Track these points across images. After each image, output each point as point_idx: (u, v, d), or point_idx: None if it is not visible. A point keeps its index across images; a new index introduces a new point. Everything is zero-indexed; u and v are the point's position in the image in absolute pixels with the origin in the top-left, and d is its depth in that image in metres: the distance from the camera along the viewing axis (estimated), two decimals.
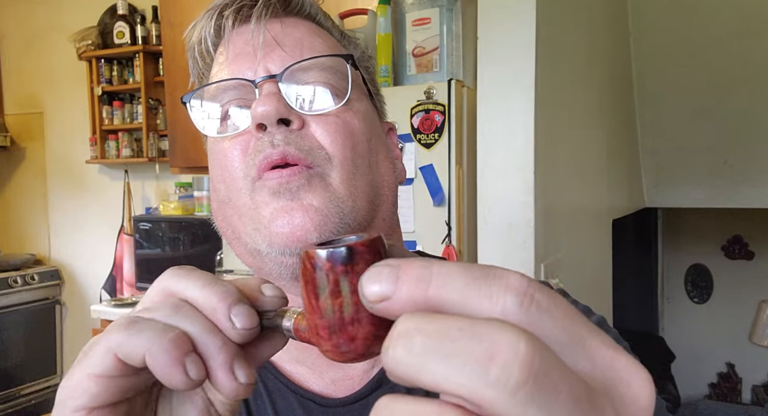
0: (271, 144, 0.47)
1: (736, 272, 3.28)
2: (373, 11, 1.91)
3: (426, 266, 0.20)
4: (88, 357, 0.28)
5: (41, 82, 3.66)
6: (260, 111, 0.47)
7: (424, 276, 0.20)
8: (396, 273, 0.21)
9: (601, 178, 2.20)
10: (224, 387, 0.28)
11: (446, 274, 0.20)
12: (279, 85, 0.49)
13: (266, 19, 0.52)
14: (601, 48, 2.27)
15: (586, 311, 0.56)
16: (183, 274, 0.31)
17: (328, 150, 0.48)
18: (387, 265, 0.21)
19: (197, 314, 0.29)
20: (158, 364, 0.26)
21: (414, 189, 1.73)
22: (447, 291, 0.20)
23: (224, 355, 0.28)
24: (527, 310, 0.19)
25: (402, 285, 0.20)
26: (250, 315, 0.29)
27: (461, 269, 0.20)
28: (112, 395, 0.28)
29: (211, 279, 0.30)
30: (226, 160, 0.50)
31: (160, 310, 0.29)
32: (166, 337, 0.27)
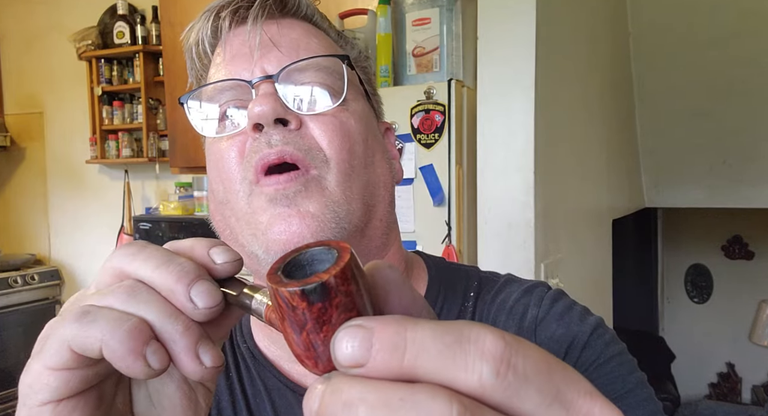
0: (268, 144, 0.48)
1: (735, 272, 3.28)
2: (373, 11, 1.91)
3: (400, 331, 0.20)
4: (43, 351, 0.27)
5: (41, 82, 3.66)
6: (257, 111, 0.47)
7: (398, 345, 0.20)
8: (370, 339, 0.20)
9: (601, 178, 2.20)
10: (190, 372, 0.27)
11: (420, 341, 0.20)
12: (275, 85, 0.49)
13: (262, 20, 0.52)
14: (601, 48, 2.27)
15: (585, 312, 0.56)
16: (134, 252, 0.29)
17: (325, 151, 0.49)
18: (360, 328, 0.20)
19: (155, 297, 0.27)
20: (116, 356, 0.25)
21: (414, 189, 1.73)
22: (422, 361, 0.19)
23: (187, 340, 0.26)
24: (503, 379, 0.19)
25: (377, 354, 0.20)
26: (211, 293, 0.27)
27: (434, 333, 0.20)
28: (76, 386, 0.27)
29: (165, 256, 0.28)
30: (223, 162, 0.50)
31: (115, 295, 0.27)
32: (122, 328, 0.25)
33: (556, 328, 0.54)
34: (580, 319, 0.54)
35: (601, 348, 0.52)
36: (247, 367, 0.56)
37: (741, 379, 3.31)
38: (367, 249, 0.52)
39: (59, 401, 0.27)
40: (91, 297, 0.28)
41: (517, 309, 0.55)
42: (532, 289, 0.57)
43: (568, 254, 1.72)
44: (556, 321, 0.54)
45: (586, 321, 0.54)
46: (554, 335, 0.53)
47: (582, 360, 0.52)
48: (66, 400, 0.27)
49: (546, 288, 0.58)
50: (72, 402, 0.27)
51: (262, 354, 0.56)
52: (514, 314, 0.55)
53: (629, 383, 0.51)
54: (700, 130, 2.74)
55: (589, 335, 0.53)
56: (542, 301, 0.56)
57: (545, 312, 0.55)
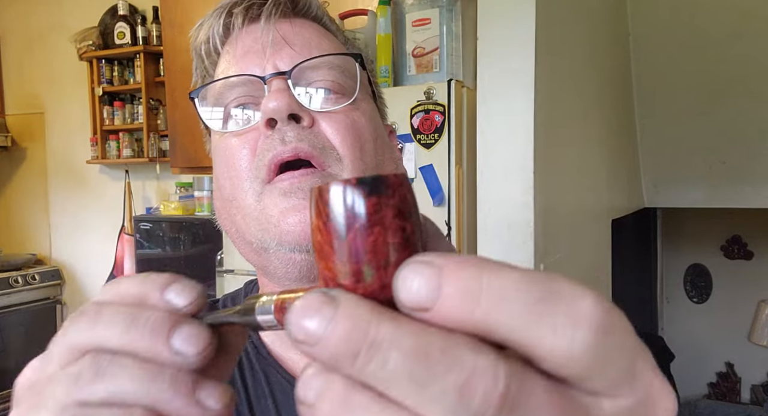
0: (282, 141, 0.47)
1: (735, 272, 3.29)
2: (373, 12, 1.91)
3: (476, 275, 0.17)
4: None
5: (42, 82, 3.67)
6: (271, 106, 0.47)
7: (472, 291, 0.17)
8: (438, 279, 0.17)
9: (600, 177, 2.20)
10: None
11: (500, 290, 0.17)
12: (288, 82, 0.49)
13: (275, 19, 0.52)
14: (601, 48, 2.28)
15: None
16: (92, 319, 0.25)
17: (338, 150, 0.49)
18: (427, 264, 0.17)
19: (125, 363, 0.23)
20: None
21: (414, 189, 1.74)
22: (501, 315, 0.16)
23: (181, 396, 0.23)
24: (595, 350, 0.16)
25: (445, 298, 0.17)
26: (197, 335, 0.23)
27: (520, 284, 0.17)
28: None
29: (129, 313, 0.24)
30: (233, 159, 0.50)
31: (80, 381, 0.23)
32: None
33: None
34: None
35: None
36: (249, 361, 0.56)
37: (740, 379, 3.31)
38: None
39: None
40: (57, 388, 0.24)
41: None
42: None
43: (568, 254, 1.73)
44: None
45: None
46: None
47: None
48: None
49: None
50: None
51: (266, 349, 0.56)
52: None
53: None
54: (700, 130, 2.74)
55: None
56: None
57: None
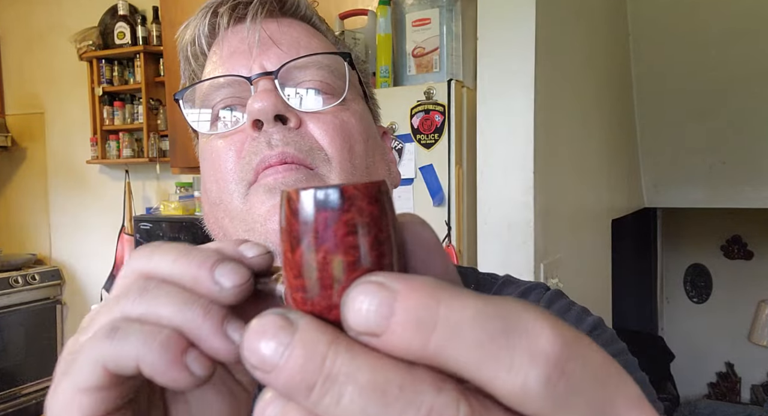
0: (269, 144, 0.46)
1: (735, 272, 3.29)
2: (373, 12, 1.91)
3: (432, 304, 0.16)
4: (74, 371, 0.25)
5: (42, 82, 3.67)
6: (257, 107, 0.46)
7: (427, 321, 0.16)
8: (391, 304, 0.16)
9: (600, 178, 2.20)
10: (223, 354, 0.24)
11: (457, 323, 0.16)
12: (275, 82, 0.48)
13: (262, 18, 0.51)
14: (601, 48, 2.28)
15: (583, 312, 0.55)
16: (151, 251, 0.27)
17: (326, 151, 0.48)
18: (380, 286, 0.16)
19: (168, 288, 0.25)
20: (156, 370, 0.23)
21: (414, 189, 1.74)
22: (454, 350, 0.15)
23: (210, 321, 0.24)
24: (553, 388, 0.15)
25: (397, 326, 0.16)
26: (237, 271, 0.25)
27: (477, 317, 0.16)
28: (110, 405, 0.25)
29: (184, 249, 0.26)
30: (219, 161, 0.49)
31: (127, 297, 0.25)
32: (156, 340, 0.23)
33: None
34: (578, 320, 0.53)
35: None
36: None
37: (740, 379, 3.31)
38: None
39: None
40: (108, 306, 0.26)
41: None
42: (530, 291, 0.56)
43: (568, 254, 1.73)
44: None
45: (584, 322, 0.53)
46: None
47: None
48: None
49: (544, 290, 0.57)
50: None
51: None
52: None
53: None
54: (700, 130, 2.74)
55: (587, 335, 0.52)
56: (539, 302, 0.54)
57: None
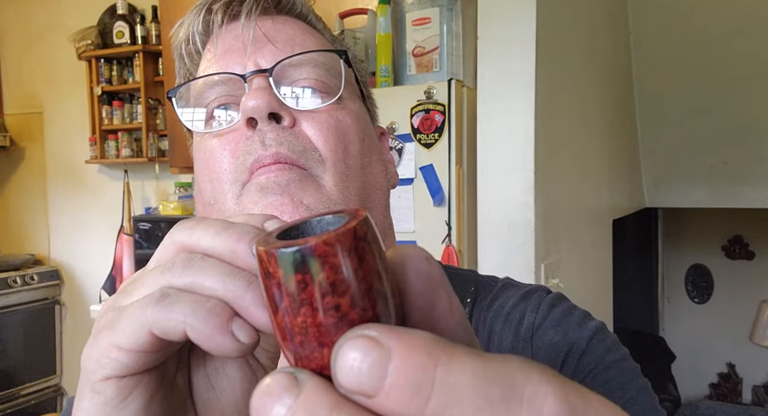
0: (263, 144, 0.46)
1: (736, 272, 3.28)
2: (373, 11, 1.90)
3: (429, 365, 0.15)
4: (117, 330, 0.26)
5: (41, 81, 3.66)
6: (251, 105, 0.45)
7: (423, 385, 0.15)
8: (384, 364, 0.15)
9: (601, 178, 2.20)
10: (264, 323, 0.25)
11: (455, 388, 0.15)
12: (269, 79, 0.47)
13: (256, 15, 0.50)
14: (601, 48, 2.27)
15: (584, 317, 0.54)
16: (192, 225, 0.28)
17: (321, 151, 0.47)
18: (373, 342, 0.15)
19: (211, 261, 0.26)
20: (203, 336, 0.24)
21: (414, 189, 1.73)
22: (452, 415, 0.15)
23: (252, 292, 0.25)
24: None
25: (391, 389, 0.15)
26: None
27: (477, 382, 0.15)
28: (144, 364, 0.27)
29: (224, 223, 0.27)
30: (213, 160, 0.49)
31: (173, 270, 0.27)
32: (204, 307, 0.25)
33: (553, 335, 0.52)
34: (579, 325, 0.52)
35: (601, 354, 0.50)
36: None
37: (741, 380, 3.30)
38: None
39: (123, 377, 0.26)
40: (152, 275, 0.27)
41: (514, 316, 0.54)
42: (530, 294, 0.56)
43: (569, 254, 1.72)
44: (554, 328, 0.52)
45: (586, 327, 0.52)
46: (552, 342, 0.51)
47: (581, 367, 0.50)
48: (130, 376, 0.27)
49: (545, 293, 0.56)
50: (137, 378, 0.27)
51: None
52: (511, 320, 0.53)
53: (630, 391, 0.49)
54: (701, 130, 2.74)
55: (588, 341, 0.51)
56: (540, 306, 0.54)
57: (543, 317, 0.53)
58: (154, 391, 0.27)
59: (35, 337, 3.40)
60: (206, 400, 0.30)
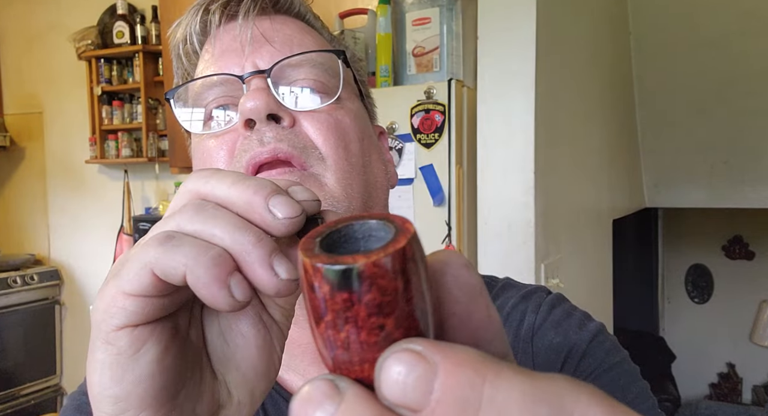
0: (260, 142, 0.45)
1: (736, 272, 3.28)
2: (373, 11, 1.90)
3: (476, 382, 0.15)
4: (121, 275, 0.26)
5: (41, 81, 3.66)
6: (249, 106, 0.45)
7: (471, 402, 0.15)
8: (431, 380, 0.15)
9: (601, 178, 2.20)
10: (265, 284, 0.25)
11: (503, 406, 0.14)
12: (267, 80, 0.47)
13: (254, 15, 0.50)
14: (602, 48, 2.27)
15: (585, 318, 0.54)
16: (209, 174, 0.28)
17: (321, 149, 0.47)
18: (418, 357, 0.15)
19: (224, 212, 0.26)
20: (200, 283, 0.24)
21: (414, 189, 1.73)
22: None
23: (260, 250, 0.25)
24: None
25: (438, 405, 0.15)
26: (290, 204, 0.26)
27: (525, 401, 0.14)
28: (152, 312, 0.26)
29: (241, 175, 0.27)
30: (210, 160, 0.48)
31: (182, 213, 0.26)
32: (207, 254, 0.24)
33: (553, 336, 0.52)
34: (579, 326, 0.52)
35: (600, 356, 0.50)
36: None
37: (741, 379, 3.30)
38: None
39: (136, 326, 0.26)
40: (164, 220, 0.27)
41: (515, 317, 0.53)
42: (530, 295, 0.55)
43: (569, 254, 1.72)
44: (554, 329, 0.52)
45: (586, 329, 0.52)
46: (552, 343, 0.51)
47: (580, 370, 0.50)
48: (143, 326, 0.26)
49: (545, 293, 0.56)
50: (149, 329, 0.26)
51: None
52: (511, 321, 0.53)
53: (630, 393, 0.49)
54: (701, 130, 2.74)
55: (588, 343, 0.51)
56: (540, 308, 0.54)
57: (543, 319, 0.53)
58: (167, 344, 0.27)
59: (35, 337, 3.40)
60: (221, 356, 0.30)
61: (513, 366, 0.15)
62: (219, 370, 0.30)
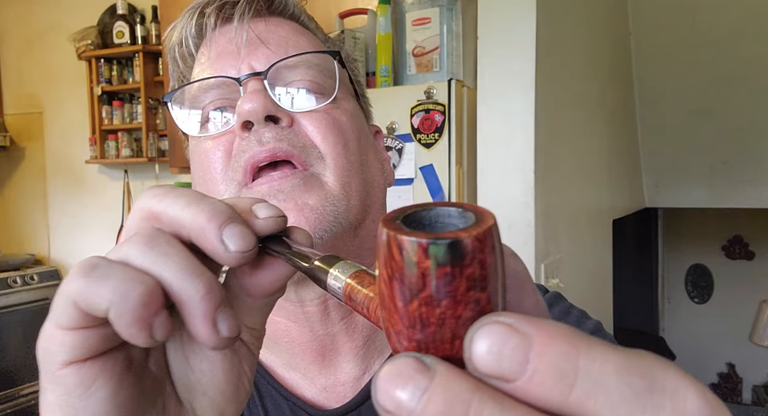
0: (259, 142, 0.46)
1: (736, 272, 3.28)
2: (373, 11, 1.90)
3: (571, 353, 0.15)
4: (53, 309, 0.24)
5: (41, 81, 3.66)
6: (247, 108, 0.45)
7: (567, 372, 0.15)
8: (526, 351, 0.15)
9: (601, 178, 2.20)
10: (203, 339, 0.24)
11: (599, 376, 0.15)
12: (264, 82, 0.47)
13: (249, 18, 0.50)
14: (602, 48, 2.27)
15: (582, 316, 0.55)
16: (164, 192, 0.26)
17: (320, 148, 0.47)
18: (511, 329, 0.15)
19: (176, 249, 0.24)
20: (122, 322, 0.22)
21: (414, 189, 1.73)
22: (597, 404, 0.15)
23: (206, 305, 0.23)
24: None
25: (535, 375, 0.15)
26: (245, 236, 0.24)
27: (620, 372, 0.15)
28: (96, 345, 0.24)
29: (197, 196, 0.26)
30: (208, 162, 0.48)
31: (132, 245, 0.24)
32: (135, 291, 0.22)
33: None
34: (577, 323, 0.53)
35: None
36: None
37: (741, 379, 3.30)
38: (360, 251, 0.50)
39: (83, 361, 0.24)
40: (115, 249, 0.25)
41: None
42: None
43: (569, 254, 1.72)
44: None
45: (583, 326, 0.53)
46: None
47: None
48: (90, 361, 0.25)
49: (542, 292, 0.57)
50: (98, 364, 0.25)
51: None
52: None
53: None
54: (701, 130, 2.74)
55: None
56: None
57: None
58: (120, 378, 0.26)
59: (35, 337, 3.33)
60: (186, 383, 0.29)
61: (602, 341, 0.16)
62: (185, 397, 0.29)
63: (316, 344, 0.51)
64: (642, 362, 0.15)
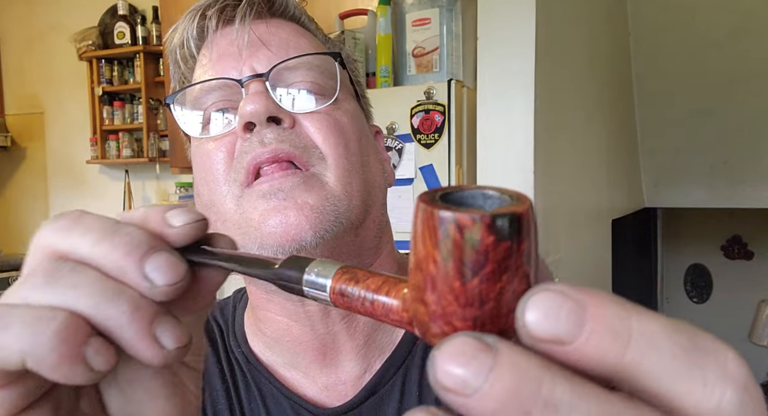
0: (261, 142, 0.46)
1: (735, 272, 3.28)
2: (373, 11, 1.91)
3: (623, 315, 0.16)
4: None
5: (42, 82, 3.67)
6: (249, 109, 0.45)
7: (622, 332, 0.15)
8: (582, 314, 0.16)
9: (600, 177, 2.20)
10: (149, 359, 0.21)
11: (651, 335, 0.16)
12: (266, 83, 0.48)
13: (250, 20, 0.51)
14: (601, 48, 2.27)
15: None
16: (69, 225, 0.23)
17: (321, 148, 0.47)
18: (564, 295, 0.16)
19: (85, 276, 0.21)
20: (46, 366, 0.20)
21: (414, 189, 1.73)
22: (651, 362, 0.15)
23: (137, 324, 0.21)
24: (740, 409, 0.15)
25: (592, 336, 0.15)
26: (172, 266, 0.22)
27: (669, 331, 0.16)
28: (15, 401, 0.21)
29: (108, 226, 0.23)
30: (210, 163, 0.49)
31: (30, 282, 0.21)
32: (48, 329, 0.20)
33: None
34: None
35: None
36: (242, 372, 0.54)
37: None
38: (360, 250, 0.51)
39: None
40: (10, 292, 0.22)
41: None
42: None
43: (568, 254, 1.72)
44: None
45: None
46: None
47: None
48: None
49: None
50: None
51: (257, 359, 0.55)
52: None
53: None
54: (700, 130, 2.74)
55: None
56: None
57: None
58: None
59: None
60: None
61: (643, 307, 0.17)
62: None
63: (317, 343, 0.51)
64: (683, 325, 0.16)
